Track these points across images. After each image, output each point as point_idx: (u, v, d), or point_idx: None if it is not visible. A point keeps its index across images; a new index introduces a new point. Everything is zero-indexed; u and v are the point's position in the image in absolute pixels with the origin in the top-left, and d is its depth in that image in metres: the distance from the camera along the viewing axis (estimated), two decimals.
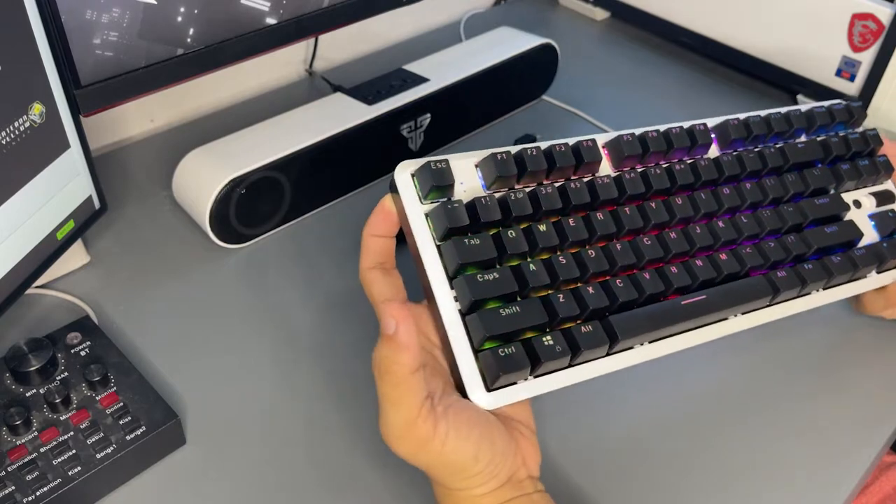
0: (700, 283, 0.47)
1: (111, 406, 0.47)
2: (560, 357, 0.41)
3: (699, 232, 0.48)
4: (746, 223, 0.49)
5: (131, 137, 0.74)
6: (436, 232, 0.42)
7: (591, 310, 0.43)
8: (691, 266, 0.47)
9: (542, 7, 0.99)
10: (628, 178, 0.47)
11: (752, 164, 0.51)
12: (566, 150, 0.46)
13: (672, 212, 0.48)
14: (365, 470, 0.48)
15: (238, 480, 0.47)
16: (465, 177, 0.44)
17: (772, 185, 0.51)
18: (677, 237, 0.47)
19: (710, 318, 0.47)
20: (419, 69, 0.71)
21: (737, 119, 0.53)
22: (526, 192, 0.44)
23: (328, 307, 0.57)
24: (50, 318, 0.55)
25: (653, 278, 0.45)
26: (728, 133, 0.52)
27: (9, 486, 0.42)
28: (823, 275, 0.50)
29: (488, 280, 0.41)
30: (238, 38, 0.58)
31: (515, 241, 0.43)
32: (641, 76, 0.87)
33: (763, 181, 0.52)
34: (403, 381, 0.38)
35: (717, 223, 0.49)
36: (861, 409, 0.53)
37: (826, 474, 0.49)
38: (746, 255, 0.49)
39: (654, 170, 0.48)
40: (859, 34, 0.73)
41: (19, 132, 0.47)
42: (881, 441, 0.51)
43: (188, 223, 0.63)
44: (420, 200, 0.43)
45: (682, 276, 0.46)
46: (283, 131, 0.63)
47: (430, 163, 0.42)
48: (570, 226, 0.44)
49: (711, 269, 0.47)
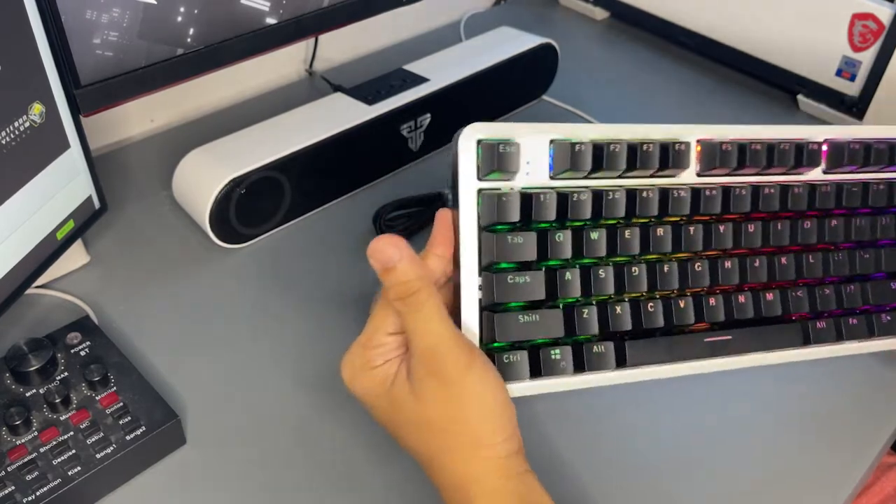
0: (734, 320, 0.44)
1: (111, 406, 0.47)
2: (563, 373, 0.41)
3: (757, 265, 0.44)
4: (812, 264, 0.46)
5: (131, 137, 0.74)
6: (482, 217, 0.40)
7: (610, 331, 0.42)
8: (732, 301, 0.44)
9: (542, 7, 0.99)
10: (707, 194, 0.43)
11: (851, 199, 0.47)
12: (653, 151, 0.42)
13: (738, 238, 0.44)
14: (366, 469, 0.48)
15: (238, 480, 0.47)
16: (533, 154, 0.41)
17: (860, 224, 0.47)
18: (731, 268, 0.44)
19: (730, 356, 0.45)
20: (419, 69, 0.71)
21: (858, 142, 0.47)
22: (591, 193, 0.41)
23: (328, 307, 0.57)
24: (50, 318, 0.55)
25: (686, 308, 0.43)
26: (842, 156, 0.46)
27: (9, 486, 0.42)
28: (865, 333, 0.47)
29: (518, 283, 0.40)
30: (238, 38, 0.58)
31: (561, 247, 0.41)
32: (641, 76, 0.87)
33: (854, 219, 0.47)
34: (429, 297, 0.38)
35: (780, 259, 0.45)
36: (861, 410, 0.53)
37: (826, 475, 0.49)
38: (793, 299, 0.45)
39: (739, 190, 0.44)
40: (859, 34, 0.73)
41: (19, 132, 0.47)
42: (881, 441, 0.51)
43: (188, 223, 0.63)
44: (477, 174, 0.40)
45: (718, 310, 0.44)
46: (283, 131, 0.63)
47: (498, 144, 0.40)
48: (625, 238, 0.42)
49: (751, 309, 0.44)
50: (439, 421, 0.39)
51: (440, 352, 0.39)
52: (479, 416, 0.39)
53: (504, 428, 0.39)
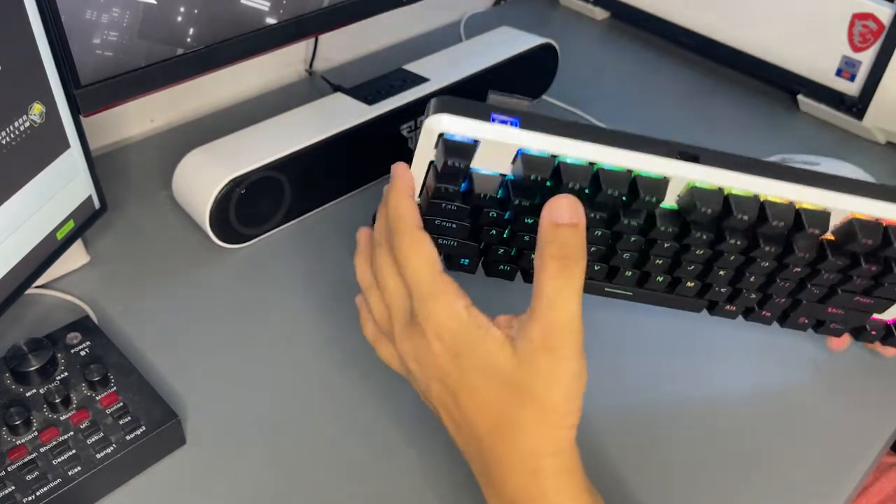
0: (644, 287, 0.46)
1: (111, 406, 0.47)
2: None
3: (722, 275, 0.45)
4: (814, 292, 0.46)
5: (131, 137, 0.74)
6: (428, 183, 0.42)
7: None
8: (650, 274, 0.45)
9: (543, 7, 0.99)
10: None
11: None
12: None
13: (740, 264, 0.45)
14: (366, 468, 0.48)
15: (238, 480, 0.47)
16: (495, 162, 0.41)
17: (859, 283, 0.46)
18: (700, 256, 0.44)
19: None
20: (419, 69, 0.71)
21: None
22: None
23: (328, 307, 0.57)
24: (50, 318, 0.55)
25: (603, 267, 0.45)
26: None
27: (9, 486, 0.42)
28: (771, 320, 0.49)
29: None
30: (238, 38, 0.58)
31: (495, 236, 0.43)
32: (642, 76, 0.87)
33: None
34: (583, 273, 0.38)
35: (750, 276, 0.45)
36: (861, 410, 0.53)
37: (826, 475, 0.49)
38: (720, 293, 0.47)
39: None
40: (859, 34, 0.73)
41: (19, 132, 0.47)
42: (881, 442, 0.51)
43: (188, 223, 0.63)
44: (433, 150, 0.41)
45: (633, 277, 0.45)
46: (283, 131, 0.63)
47: (452, 144, 0.39)
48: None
49: (666, 285, 0.46)
50: (532, 387, 0.38)
51: (570, 328, 0.37)
52: (571, 395, 0.38)
53: (579, 410, 0.39)
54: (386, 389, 0.51)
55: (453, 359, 0.39)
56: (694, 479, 0.48)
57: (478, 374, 0.39)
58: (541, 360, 0.37)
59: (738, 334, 0.56)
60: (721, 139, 0.75)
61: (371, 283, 0.45)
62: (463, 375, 0.39)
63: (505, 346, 0.38)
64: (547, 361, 0.37)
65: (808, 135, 0.78)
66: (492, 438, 0.39)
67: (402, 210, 0.42)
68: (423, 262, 0.40)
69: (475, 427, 0.40)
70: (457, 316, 0.39)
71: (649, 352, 0.56)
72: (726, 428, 0.51)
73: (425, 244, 0.41)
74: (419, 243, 0.41)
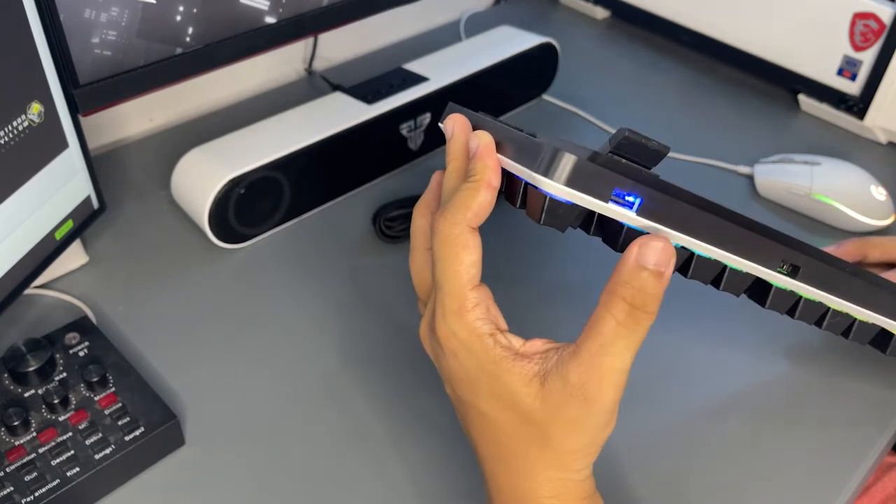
0: None
1: (110, 407, 0.46)
2: None
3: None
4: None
5: (130, 137, 0.74)
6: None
7: None
8: None
9: (543, 6, 0.99)
10: None
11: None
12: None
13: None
14: (364, 471, 0.48)
15: (237, 481, 0.47)
16: None
17: None
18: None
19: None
20: (419, 68, 0.70)
21: None
22: None
23: (327, 307, 0.57)
24: (48, 319, 0.55)
25: None
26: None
27: (7, 487, 0.42)
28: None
29: None
30: (237, 37, 0.57)
31: None
32: (642, 75, 0.87)
33: None
34: (648, 328, 0.34)
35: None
36: (862, 410, 0.53)
37: (827, 475, 0.49)
38: None
39: None
40: (860, 33, 0.73)
41: (18, 131, 0.47)
42: (882, 442, 0.51)
43: (187, 223, 0.63)
44: None
45: None
46: (283, 131, 0.62)
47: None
48: None
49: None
50: (549, 430, 0.35)
51: (615, 382, 0.34)
52: (590, 444, 0.36)
53: (595, 455, 0.37)
54: (386, 390, 0.51)
55: (467, 380, 0.37)
56: (693, 478, 0.48)
57: (493, 400, 0.36)
58: (571, 405, 0.34)
59: (738, 334, 0.56)
60: (721, 139, 0.75)
61: (419, 244, 0.40)
62: (477, 399, 0.37)
63: (531, 382, 0.35)
64: (577, 409, 0.34)
65: (808, 134, 0.78)
66: (493, 464, 0.38)
67: (467, 198, 0.35)
68: (452, 276, 0.36)
69: (478, 447, 0.38)
70: (479, 340, 0.36)
71: (648, 351, 0.56)
72: (726, 428, 0.51)
73: (467, 249, 0.35)
74: (462, 246, 0.35)
